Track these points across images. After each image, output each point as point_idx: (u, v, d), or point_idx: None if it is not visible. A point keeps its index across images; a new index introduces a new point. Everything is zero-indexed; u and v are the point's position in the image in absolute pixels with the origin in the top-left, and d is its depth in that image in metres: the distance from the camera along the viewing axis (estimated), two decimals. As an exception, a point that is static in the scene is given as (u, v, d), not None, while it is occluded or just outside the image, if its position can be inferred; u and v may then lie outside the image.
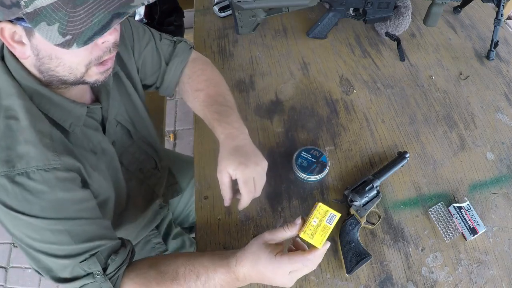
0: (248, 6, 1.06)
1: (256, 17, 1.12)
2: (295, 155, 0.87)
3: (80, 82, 0.63)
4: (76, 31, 0.52)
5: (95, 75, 0.63)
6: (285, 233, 0.63)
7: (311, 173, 0.84)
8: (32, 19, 0.51)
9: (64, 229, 0.59)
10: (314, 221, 0.60)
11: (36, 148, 0.58)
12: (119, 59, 0.80)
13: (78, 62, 0.59)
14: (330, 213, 0.60)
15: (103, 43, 0.59)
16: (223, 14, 1.23)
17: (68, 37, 0.52)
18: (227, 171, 0.72)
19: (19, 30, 0.55)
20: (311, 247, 0.62)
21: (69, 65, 0.59)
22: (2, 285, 1.75)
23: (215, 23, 1.23)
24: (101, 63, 0.62)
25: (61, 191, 0.59)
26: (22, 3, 0.50)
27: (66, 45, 0.52)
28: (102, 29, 0.52)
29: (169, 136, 2.08)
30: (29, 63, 0.60)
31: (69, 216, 0.60)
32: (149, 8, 1.59)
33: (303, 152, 0.87)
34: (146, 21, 1.57)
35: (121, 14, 0.53)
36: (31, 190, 0.57)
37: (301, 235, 0.61)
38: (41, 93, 0.62)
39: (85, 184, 0.66)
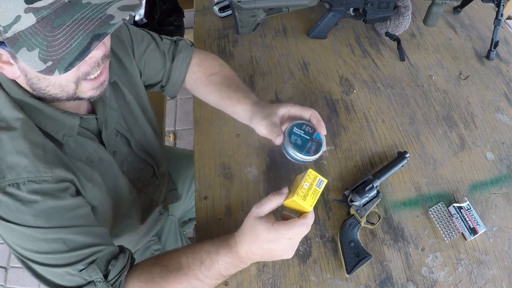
0: (248, 6, 1.06)
1: (256, 17, 1.12)
2: (286, 131, 0.70)
3: (74, 98, 0.62)
4: (57, 57, 0.51)
5: (89, 91, 0.62)
6: (272, 203, 0.63)
7: (307, 153, 0.69)
8: (13, 45, 0.50)
9: (58, 238, 0.58)
10: (306, 185, 0.63)
11: (28, 158, 0.57)
12: (121, 65, 0.80)
13: (67, 80, 0.58)
14: (319, 178, 0.64)
15: (90, 58, 0.58)
16: (223, 14, 1.23)
17: (49, 63, 0.51)
18: (277, 112, 0.73)
19: (4, 52, 0.54)
20: (300, 214, 0.65)
21: (59, 84, 0.58)
22: (2, 285, 1.75)
23: (215, 23, 1.23)
24: (94, 79, 0.61)
25: (52, 200, 0.58)
26: (1, 28, 0.49)
27: (48, 71, 0.51)
28: (82, 53, 0.51)
29: (169, 136, 2.08)
30: (21, 81, 0.60)
31: (63, 224, 0.59)
32: (149, 8, 1.59)
33: (295, 128, 0.71)
34: (146, 21, 1.57)
35: (101, 35, 0.51)
36: (22, 200, 0.56)
37: (295, 197, 0.62)
38: (32, 105, 0.61)
39: (78, 194, 0.65)
